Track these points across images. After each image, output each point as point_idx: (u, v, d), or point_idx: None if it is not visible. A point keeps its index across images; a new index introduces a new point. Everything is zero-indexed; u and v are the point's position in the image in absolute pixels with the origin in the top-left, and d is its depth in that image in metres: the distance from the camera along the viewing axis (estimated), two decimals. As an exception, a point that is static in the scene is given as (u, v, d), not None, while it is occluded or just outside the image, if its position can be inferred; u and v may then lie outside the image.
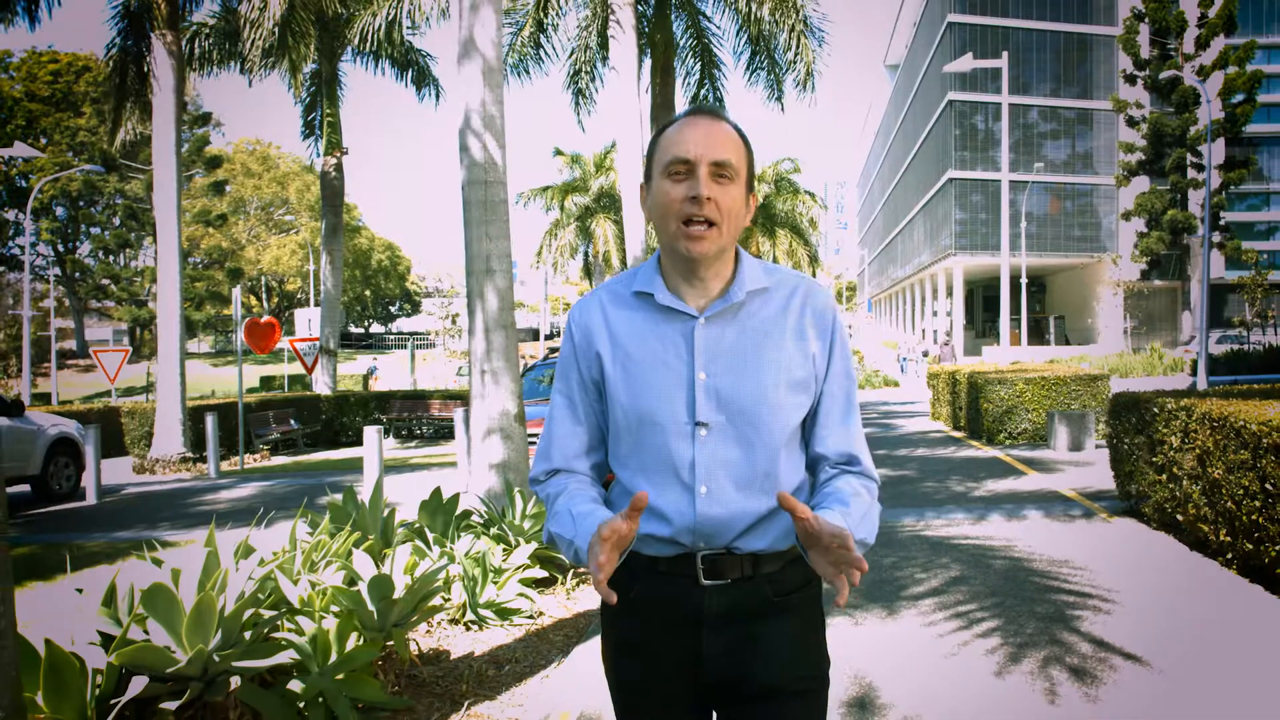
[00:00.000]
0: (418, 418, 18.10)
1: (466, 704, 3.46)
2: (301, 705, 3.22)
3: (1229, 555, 4.92)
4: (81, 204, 48.82)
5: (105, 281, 47.14)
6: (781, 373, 1.39)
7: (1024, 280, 36.18)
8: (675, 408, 1.39)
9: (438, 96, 20.77)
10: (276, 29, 13.49)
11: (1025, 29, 47.10)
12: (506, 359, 6.02)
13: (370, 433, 7.32)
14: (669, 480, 1.39)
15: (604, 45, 16.05)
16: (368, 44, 17.15)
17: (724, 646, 1.41)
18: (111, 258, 48.73)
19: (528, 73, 15.74)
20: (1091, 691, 3.33)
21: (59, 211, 48.68)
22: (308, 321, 19.11)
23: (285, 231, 59.57)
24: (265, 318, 14.50)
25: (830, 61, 14.63)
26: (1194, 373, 21.48)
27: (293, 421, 16.19)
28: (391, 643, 3.64)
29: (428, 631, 4.39)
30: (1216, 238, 35.91)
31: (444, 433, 18.24)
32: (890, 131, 70.16)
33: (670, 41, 16.00)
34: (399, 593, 3.62)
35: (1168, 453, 5.67)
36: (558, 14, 15.24)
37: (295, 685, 3.23)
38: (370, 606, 3.52)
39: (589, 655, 3.97)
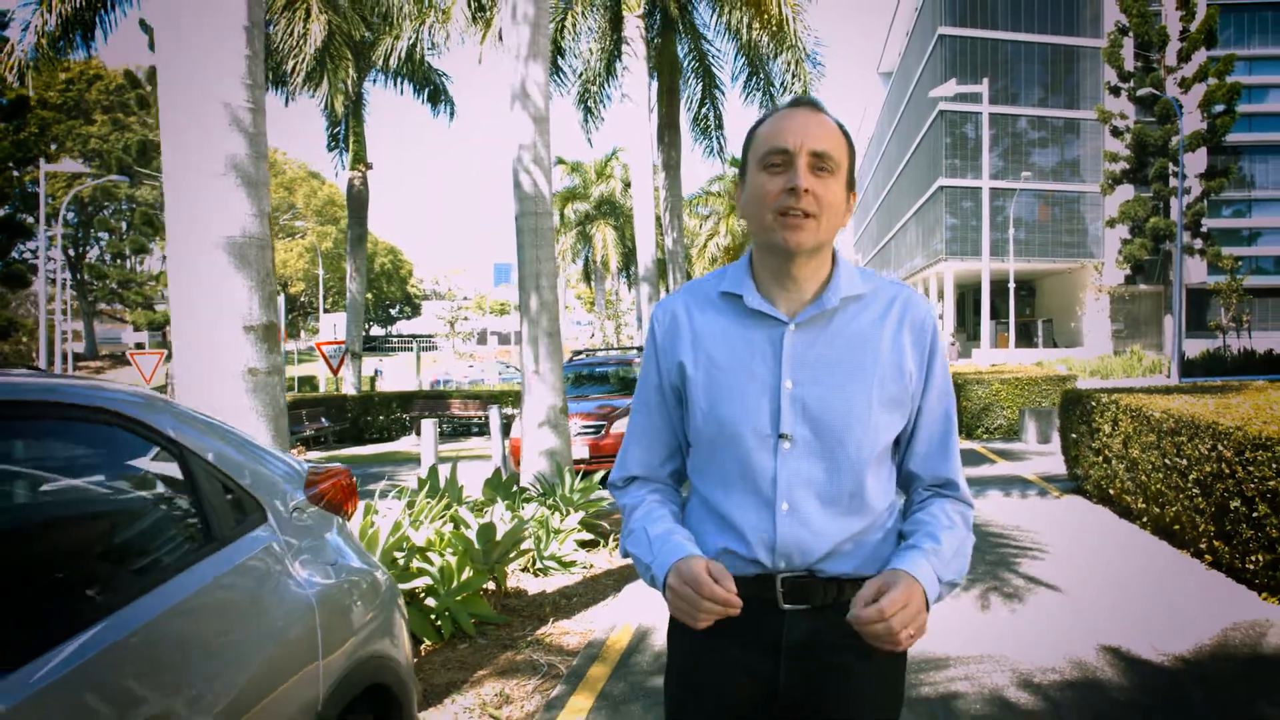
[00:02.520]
0: (438, 416, 19.23)
1: (551, 620, 4.62)
2: (434, 618, 4.37)
3: (1144, 519, 6.11)
4: (91, 209, 49.82)
5: (116, 286, 48.08)
6: (874, 388, 1.31)
7: (1011, 285, 37.48)
8: (758, 418, 1.31)
9: (452, 114, 21.83)
10: (316, 54, 14.64)
11: (1014, 41, 48.46)
12: (552, 361, 7.17)
13: (427, 425, 8.56)
14: (748, 494, 1.32)
15: (610, 69, 17.26)
16: (390, 63, 18.34)
17: (803, 677, 1.33)
18: (124, 262, 49.64)
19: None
20: (1015, 606, 4.52)
21: (69, 216, 49.57)
22: (333, 326, 20.14)
23: (291, 236, 60.65)
24: None
25: (826, 68, 15.75)
26: (1170, 374, 22.75)
27: (323, 419, 17.32)
28: (494, 575, 4.80)
29: (504, 577, 5.54)
30: (1198, 244, 37.21)
31: (462, 430, 19.39)
32: (884, 138, 71.54)
33: (675, 64, 17.20)
34: (499, 536, 4.79)
35: (1102, 438, 6.86)
36: (574, 39, 16.41)
37: (429, 603, 4.40)
38: (478, 546, 4.69)
39: (636, 591, 5.12)
